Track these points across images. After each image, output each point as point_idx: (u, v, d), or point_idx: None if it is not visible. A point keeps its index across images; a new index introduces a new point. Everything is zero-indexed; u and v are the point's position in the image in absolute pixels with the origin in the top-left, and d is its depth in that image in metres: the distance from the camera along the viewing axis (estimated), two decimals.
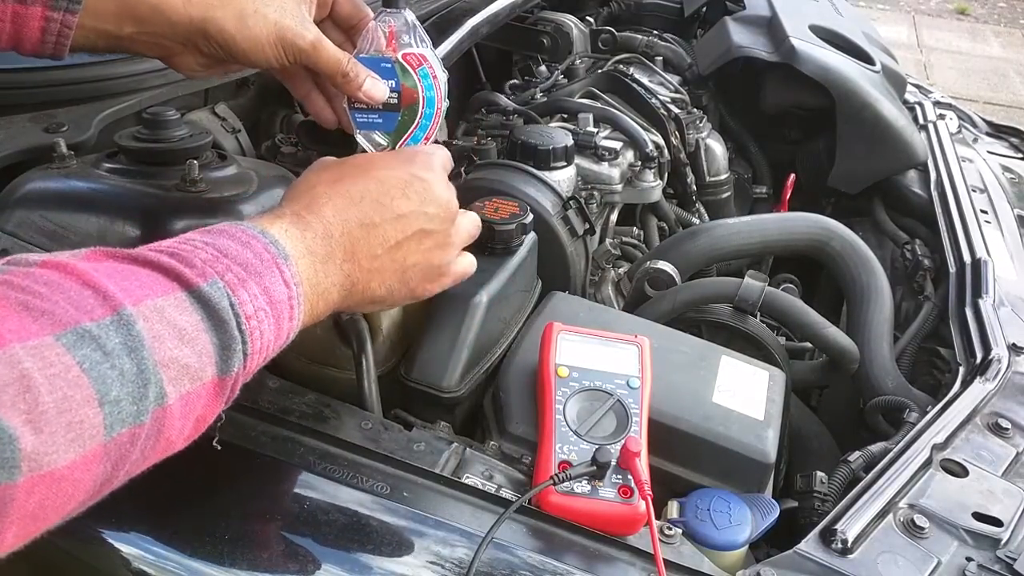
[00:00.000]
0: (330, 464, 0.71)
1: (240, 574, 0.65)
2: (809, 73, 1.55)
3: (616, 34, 1.81)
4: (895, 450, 0.88)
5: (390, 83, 0.75)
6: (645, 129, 1.39)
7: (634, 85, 1.52)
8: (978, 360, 1.04)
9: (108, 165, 0.82)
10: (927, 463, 0.84)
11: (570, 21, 1.79)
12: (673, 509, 0.77)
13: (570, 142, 1.18)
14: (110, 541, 0.67)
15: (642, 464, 0.70)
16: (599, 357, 0.81)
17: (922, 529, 0.75)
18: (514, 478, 0.74)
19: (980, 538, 0.75)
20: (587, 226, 1.12)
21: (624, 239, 1.37)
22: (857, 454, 0.93)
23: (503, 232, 0.91)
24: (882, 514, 0.76)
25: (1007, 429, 0.91)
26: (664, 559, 0.66)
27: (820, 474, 0.92)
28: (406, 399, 0.83)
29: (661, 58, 1.77)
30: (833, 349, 1.11)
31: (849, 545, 0.72)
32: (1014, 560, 0.73)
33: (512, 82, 1.70)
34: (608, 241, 1.30)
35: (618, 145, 1.30)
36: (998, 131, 1.87)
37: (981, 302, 1.15)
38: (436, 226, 0.69)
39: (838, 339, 1.11)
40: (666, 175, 1.43)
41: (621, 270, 1.29)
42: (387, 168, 0.68)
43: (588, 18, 1.89)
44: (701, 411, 0.82)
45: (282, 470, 0.71)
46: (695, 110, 1.64)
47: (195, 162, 0.80)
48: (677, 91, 1.65)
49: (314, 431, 0.73)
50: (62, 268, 0.48)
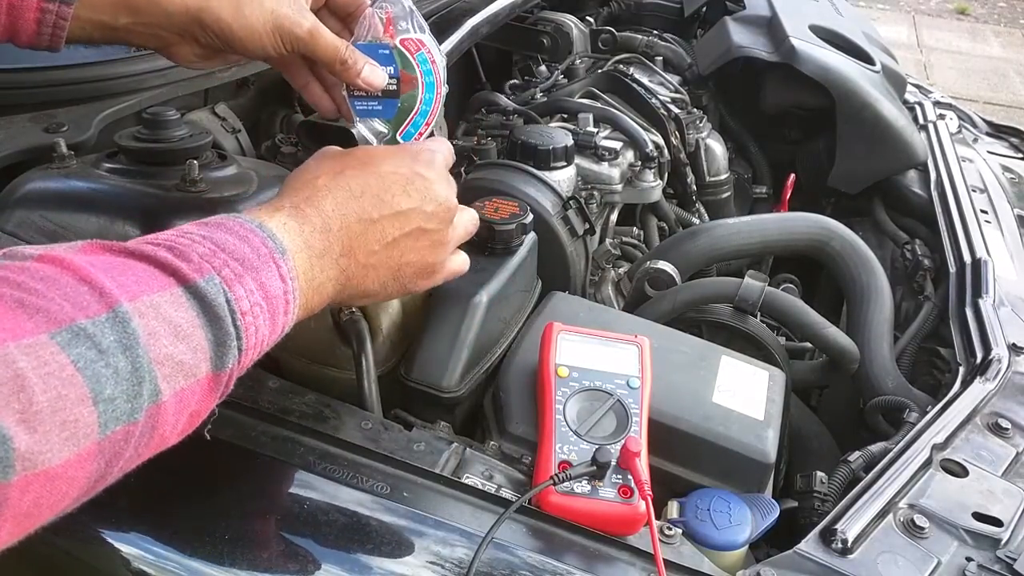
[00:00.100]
0: (330, 464, 0.71)
1: (240, 574, 0.65)
2: (809, 73, 1.55)
3: (616, 34, 1.81)
4: (895, 450, 0.88)
5: (389, 69, 0.74)
6: (645, 129, 1.39)
7: (634, 85, 1.52)
8: (978, 360, 1.04)
9: (108, 165, 0.82)
10: (927, 463, 0.84)
11: (570, 21, 1.79)
12: (673, 509, 0.77)
13: (570, 142, 1.18)
14: (110, 541, 0.67)
15: (642, 464, 0.70)
16: (599, 357, 0.81)
17: (922, 529, 0.75)
18: (514, 478, 0.74)
19: (980, 538, 0.75)
20: (587, 226, 1.12)
21: (624, 239, 1.37)
22: (857, 454, 0.93)
23: (503, 232, 0.91)
24: (882, 514, 0.76)
25: (1007, 429, 0.91)
26: (664, 559, 0.66)
27: (820, 474, 0.92)
28: (406, 399, 0.83)
29: (661, 58, 1.77)
30: (833, 349, 1.11)
31: (849, 545, 0.72)
32: (1014, 560, 0.73)
33: (512, 82, 1.70)
34: (608, 241, 1.30)
35: (618, 145, 1.30)
36: (998, 131, 1.86)
37: (981, 302, 1.15)
38: (434, 225, 0.69)
39: (838, 339, 1.11)
40: (666, 175, 1.43)
41: (621, 270, 1.29)
42: (389, 163, 0.68)
43: (588, 18, 1.89)
44: (701, 411, 0.82)
45: (282, 470, 0.71)
46: (695, 110, 1.64)
47: (195, 162, 0.79)
48: (677, 91, 1.65)
49: (314, 431, 0.73)
50: (58, 262, 0.47)
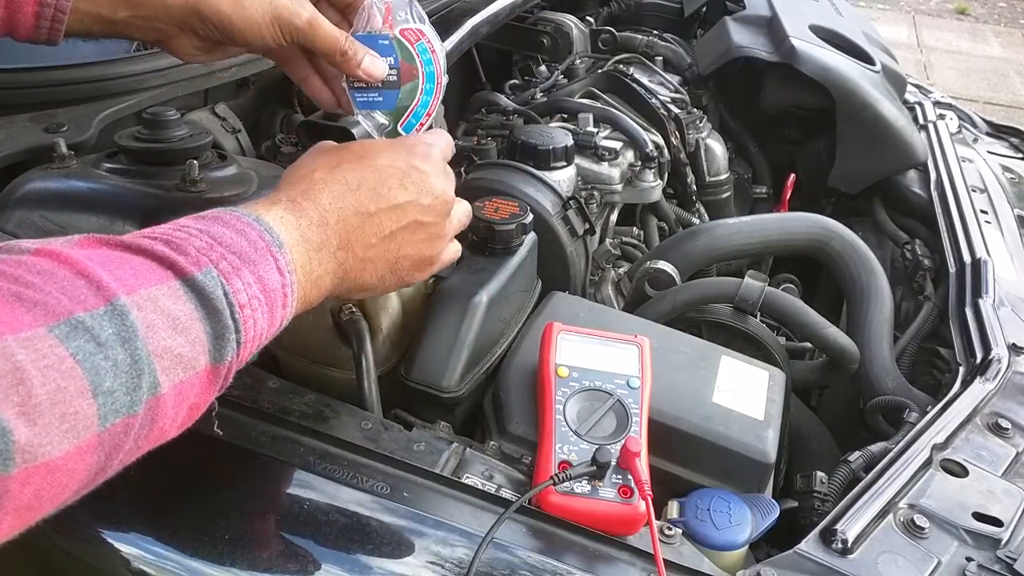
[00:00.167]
0: (330, 464, 0.71)
1: (240, 574, 0.65)
2: (809, 73, 1.55)
3: (616, 34, 1.81)
4: (895, 450, 0.88)
5: (389, 60, 0.74)
6: (645, 129, 1.39)
7: (634, 85, 1.52)
8: (978, 360, 1.04)
9: (108, 165, 0.82)
10: (927, 463, 0.84)
11: (570, 21, 1.79)
12: (673, 509, 0.77)
13: (570, 142, 1.18)
14: (110, 541, 0.67)
15: (642, 464, 0.70)
16: (599, 357, 0.81)
17: (922, 529, 0.75)
18: (514, 478, 0.74)
19: (980, 538, 0.75)
20: (587, 226, 1.12)
21: (624, 239, 1.37)
22: (857, 454, 0.93)
23: (503, 232, 0.91)
24: (882, 514, 0.76)
25: (1007, 429, 0.91)
26: (664, 559, 0.66)
27: (820, 474, 0.92)
28: (406, 399, 0.83)
29: (661, 58, 1.77)
30: (833, 349, 1.11)
31: (849, 545, 0.72)
32: (1014, 560, 0.73)
33: (512, 82, 1.70)
34: (608, 241, 1.30)
35: (618, 145, 1.30)
36: (998, 131, 1.86)
37: (981, 302, 1.15)
38: (431, 218, 0.69)
39: (838, 339, 1.11)
40: (666, 175, 1.43)
41: (621, 270, 1.29)
42: (386, 157, 0.68)
43: (588, 18, 1.89)
44: (701, 411, 0.82)
45: (282, 470, 0.71)
46: (695, 110, 1.64)
47: (195, 162, 0.79)
48: (677, 91, 1.65)
49: (314, 431, 0.73)
50: (55, 256, 0.47)
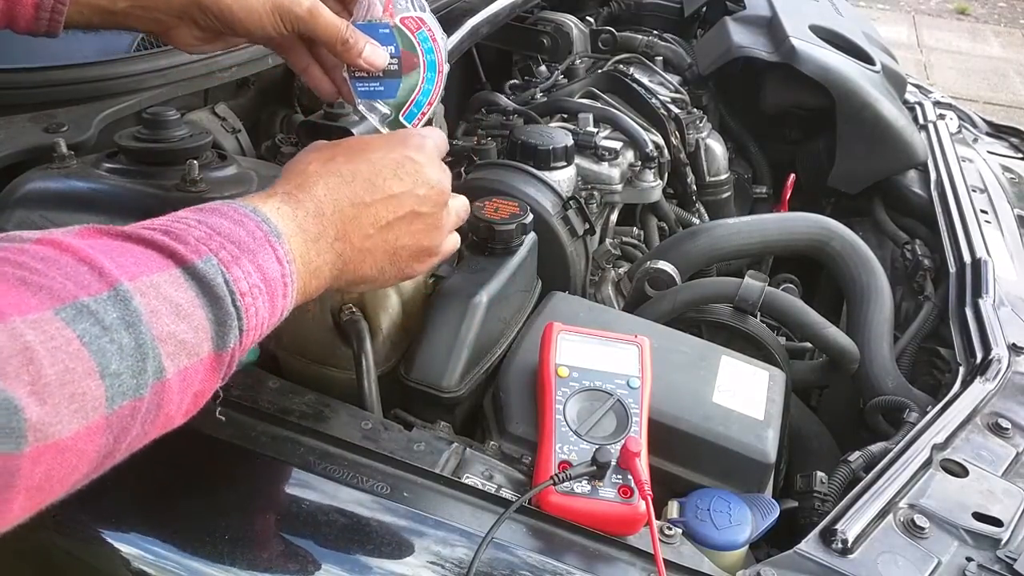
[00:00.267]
0: (330, 464, 0.71)
1: (240, 574, 0.65)
2: (809, 73, 1.55)
3: (616, 34, 1.81)
4: (895, 450, 0.88)
5: (389, 49, 0.74)
6: (645, 129, 1.39)
7: (634, 85, 1.52)
8: (978, 360, 1.04)
9: (108, 165, 0.82)
10: (927, 463, 0.84)
11: (570, 21, 1.79)
12: (673, 509, 0.77)
13: (570, 142, 1.18)
14: (110, 541, 0.67)
15: (642, 464, 0.70)
16: (599, 357, 0.81)
17: (922, 529, 0.75)
18: (514, 478, 0.74)
19: (980, 538, 0.75)
20: (587, 226, 1.12)
21: (624, 239, 1.37)
22: (857, 454, 0.93)
23: (503, 232, 0.91)
24: (882, 514, 0.76)
25: (1007, 429, 0.91)
26: (664, 559, 0.66)
27: (820, 474, 0.92)
28: (406, 399, 0.83)
29: (661, 58, 1.77)
30: (833, 349, 1.11)
31: (849, 545, 0.72)
32: (1014, 560, 0.73)
33: (512, 82, 1.70)
34: (608, 241, 1.30)
35: (618, 145, 1.30)
36: (998, 131, 1.86)
37: (981, 302, 1.15)
38: (428, 208, 0.69)
39: (838, 339, 1.11)
40: (666, 175, 1.43)
41: (621, 270, 1.29)
42: (380, 149, 0.68)
43: (588, 18, 1.89)
44: (701, 411, 0.82)
45: (282, 470, 0.71)
46: (695, 110, 1.63)
47: (195, 162, 0.79)
48: (677, 91, 1.65)
49: (314, 431, 0.73)
50: (57, 245, 0.48)
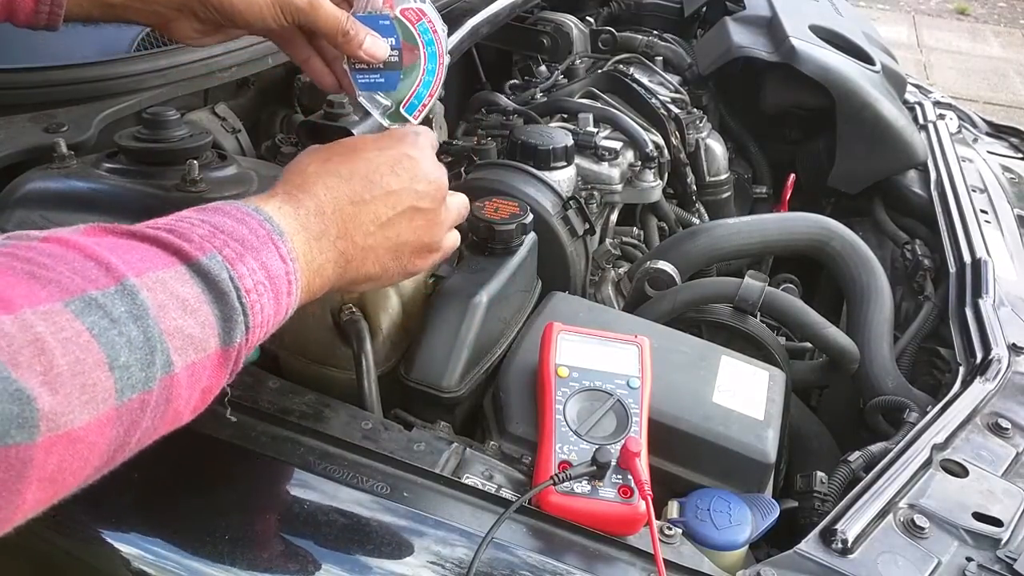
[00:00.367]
0: (330, 464, 0.71)
1: (240, 574, 0.65)
2: (809, 73, 1.55)
3: (616, 34, 1.81)
4: (895, 450, 0.88)
5: (390, 40, 0.74)
6: (645, 129, 1.39)
7: (634, 85, 1.52)
8: (978, 360, 1.04)
9: (108, 165, 0.82)
10: (927, 463, 0.84)
11: (570, 21, 1.79)
12: (673, 509, 0.77)
13: (570, 142, 1.18)
14: (110, 541, 0.67)
15: (642, 464, 0.70)
16: (599, 357, 0.81)
17: (922, 529, 0.75)
18: (514, 478, 0.74)
19: (980, 538, 0.75)
20: (587, 226, 1.12)
21: (624, 239, 1.37)
22: (857, 454, 0.93)
23: (503, 232, 0.91)
24: (882, 514, 0.76)
25: (1007, 429, 0.91)
26: (664, 559, 0.66)
27: (820, 474, 0.92)
28: (406, 399, 0.83)
29: (661, 58, 1.77)
30: (833, 349, 1.11)
31: (849, 545, 0.72)
32: (1014, 560, 0.73)
33: (512, 82, 1.70)
34: (608, 241, 1.30)
35: (618, 145, 1.30)
36: (998, 131, 1.86)
37: (981, 302, 1.15)
38: (427, 204, 0.69)
39: (838, 339, 1.11)
40: (666, 175, 1.43)
41: (621, 270, 1.29)
42: (376, 147, 0.69)
43: (588, 18, 1.89)
44: (701, 411, 0.82)
45: (282, 470, 0.71)
46: (695, 110, 1.63)
47: (195, 162, 0.80)
48: (677, 91, 1.65)
49: (314, 431, 0.73)
50: (63, 242, 0.48)
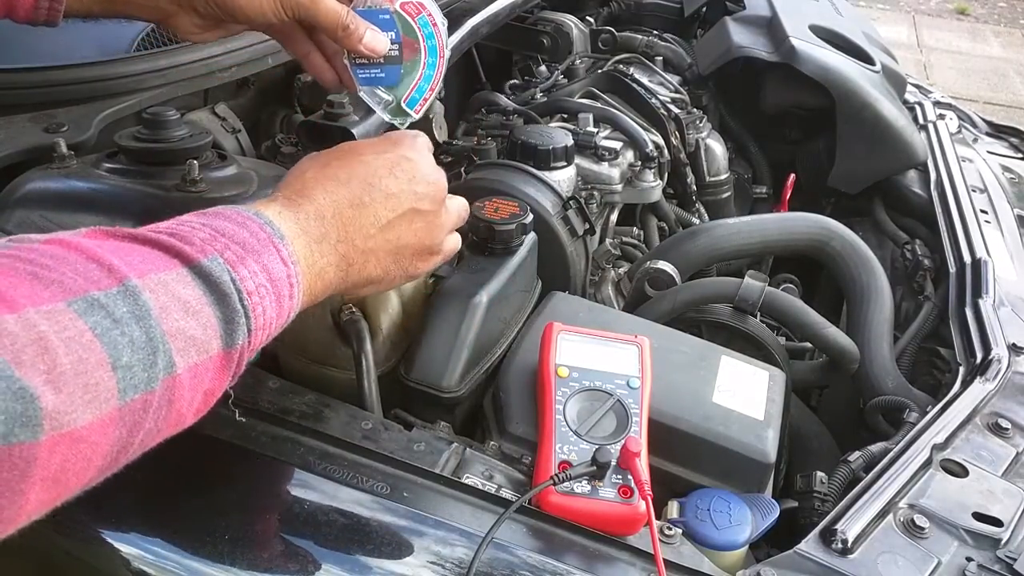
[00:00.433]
0: (330, 464, 0.71)
1: (240, 574, 0.65)
2: (809, 73, 1.55)
3: (616, 34, 1.81)
4: (895, 450, 0.88)
5: (390, 35, 0.75)
6: (645, 129, 1.39)
7: (634, 85, 1.52)
8: (978, 360, 1.04)
9: (108, 165, 0.82)
10: (927, 463, 0.84)
11: (570, 21, 1.79)
12: (673, 509, 0.77)
13: (570, 142, 1.18)
14: (110, 541, 0.67)
15: (642, 464, 0.70)
16: (599, 357, 0.81)
17: (922, 529, 0.75)
18: (514, 478, 0.74)
19: (980, 538, 0.75)
20: (587, 226, 1.12)
21: (624, 239, 1.37)
22: (857, 454, 0.93)
23: (503, 232, 0.91)
24: (882, 514, 0.76)
25: (1007, 429, 0.91)
26: (664, 559, 0.66)
27: (820, 474, 0.92)
28: (406, 399, 0.83)
29: (661, 58, 1.77)
30: (833, 349, 1.11)
31: (849, 545, 0.72)
32: (1014, 560, 0.73)
33: (512, 82, 1.70)
34: (608, 241, 1.30)
35: (618, 145, 1.30)
36: (998, 131, 1.86)
37: (981, 302, 1.15)
38: (427, 205, 0.69)
39: (838, 339, 1.11)
40: (666, 175, 1.43)
41: (621, 270, 1.29)
42: (374, 151, 0.69)
43: (588, 18, 1.89)
44: (701, 411, 0.82)
45: (282, 470, 0.71)
46: (695, 110, 1.63)
47: (195, 162, 0.80)
48: (677, 91, 1.65)
49: (314, 431, 0.73)
50: (65, 244, 0.49)
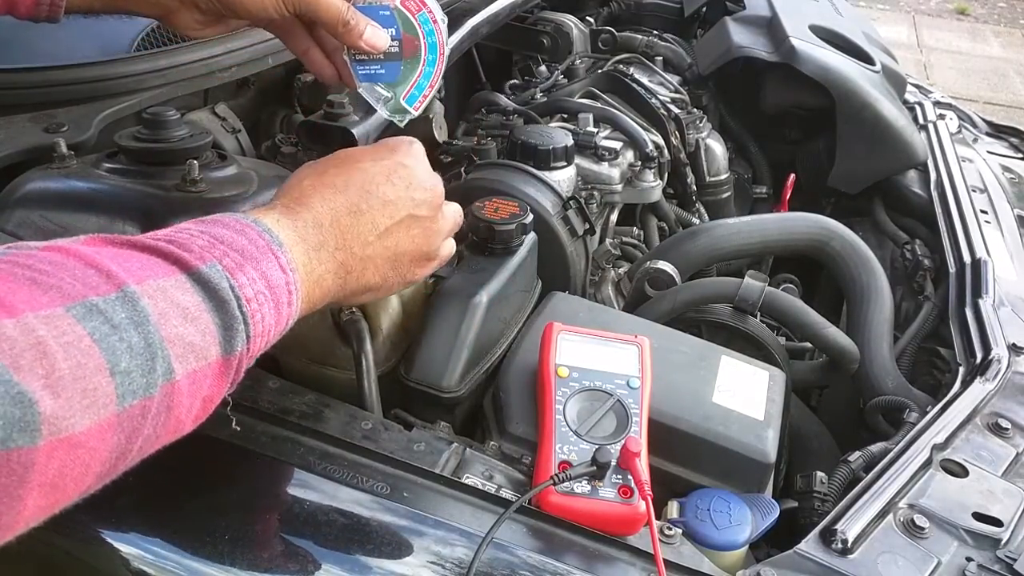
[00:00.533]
0: (330, 464, 0.71)
1: (240, 574, 0.65)
2: (809, 73, 1.55)
3: (616, 34, 1.81)
4: (895, 450, 0.88)
5: (390, 31, 0.75)
6: (645, 129, 1.39)
7: (634, 85, 1.52)
8: (978, 360, 1.04)
9: (108, 165, 0.82)
10: (927, 463, 0.84)
11: (570, 21, 1.79)
12: (673, 509, 0.77)
13: (570, 142, 1.18)
14: (110, 541, 0.67)
15: (642, 464, 0.70)
16: (599, 357, 0.81)
17: (922, 529, 0.75)
18: (514, 478, 0.74)
19: (980, 538, 0.75)
20: (587, 226, 1.12)
21: (624, 239, 1.37)
22: (857, 454, 0.93)
23: (503, 232, 0.91)
24: (882, 514, 0.76)
25: (1007, 429, 0.91)
26: (664, 559, 0.66)
27: (820, 474, 0.92)
28: (406, 399, 0.83)
29: (661, 58, 1.77)
30: (833, 349, 1.11)
31: (849, 545, 0.72)
32: (1014, 560, 0.73)
33: (512, 82, 1.70)
34: (608, 241, 1.30)
35: (618, 145, 1.30)
36: (998, 131, 1.86)
37: (981, 302, 1.15)
38: (424, 212, 0.70)
39: (838, 339, 1.11)
40: (666, 175, 1.43)
41: (621, 270, 1.29)
42: (371, 158, 0.69)
43: (588, 18, 1.89)
44: (701, 411, 0.82)
45: (282, 470, 0.71)
46: (695, 110, 1.63)
47: (195, 162, 0.80)
48: (677, 91, 1.65)
49: (314, 431, 0.73)
50: (64, 251, 0.49)
